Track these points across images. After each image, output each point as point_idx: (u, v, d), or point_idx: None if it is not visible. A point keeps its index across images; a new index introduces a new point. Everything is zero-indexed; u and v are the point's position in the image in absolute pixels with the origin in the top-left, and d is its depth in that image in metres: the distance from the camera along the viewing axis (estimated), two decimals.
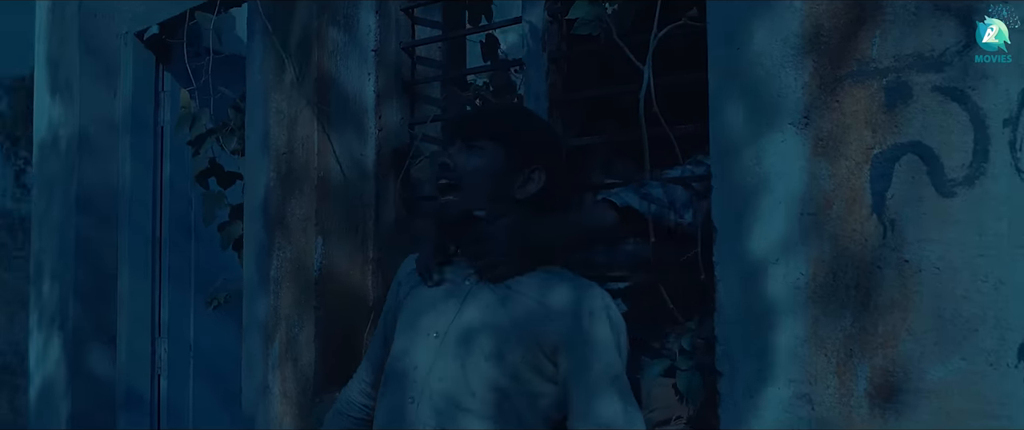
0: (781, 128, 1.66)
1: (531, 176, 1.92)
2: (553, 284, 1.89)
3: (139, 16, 3.73)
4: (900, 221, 1.52)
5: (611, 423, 1.79)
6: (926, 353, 1.49)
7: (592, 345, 1.83)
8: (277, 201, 2.74)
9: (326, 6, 2.64)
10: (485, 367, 1.84)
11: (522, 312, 1.87)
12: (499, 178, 1.93)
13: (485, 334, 1.88)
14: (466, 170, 1.93)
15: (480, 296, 1.93)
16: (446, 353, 1.89)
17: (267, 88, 2.77)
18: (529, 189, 1.93)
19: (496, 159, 1.93)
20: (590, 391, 1.82)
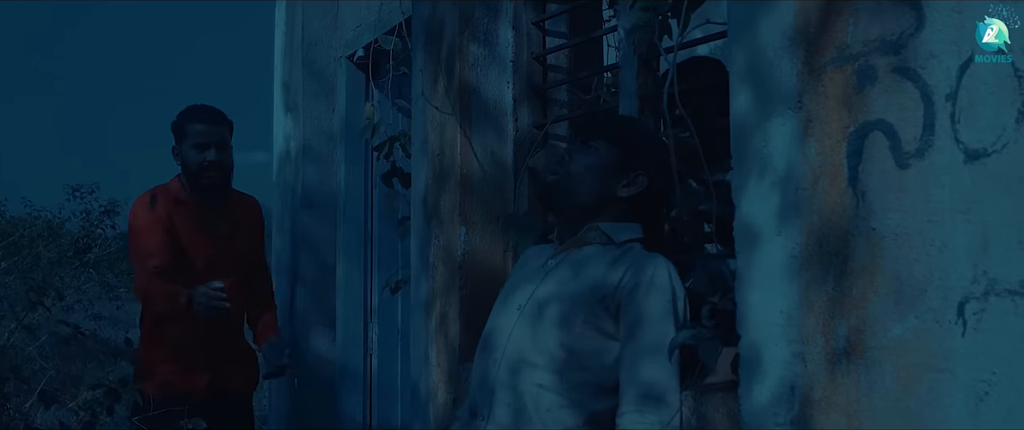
0: (781, 112, 1.83)
1: (635, 179, 2.19)
2: (621, 255, 2.14)
3: (350, 41, 4.25)
4: (869, 193, 1.66)
5: (649, 386, 2.01)
6: (888, 313, 1.62)
7: (647, 311, 2.06)
8: (433, 196, 3.11)
9: (467, 24, 2.98)
10: (552, 329, 2.12)
11: (590, 280, 2.13)
12: (607, 175, 2.21)
13: (556, 302, 2.16)
14: (581, 164, 2.23)
15: (558, 270, 2.21)
16: (523, 322, 2.18)
17: (425, 98, 3.15)
18: (631, 190, 2.19)
19: (607, 158, 2.21)
20: (637, 353, 2.05)
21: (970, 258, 1.50)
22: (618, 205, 2.20)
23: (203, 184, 3.67)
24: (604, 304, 2.10)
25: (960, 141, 1.52)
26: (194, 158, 3.65)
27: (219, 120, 3.71)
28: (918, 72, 1.58)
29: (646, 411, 2.03)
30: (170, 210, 3.63)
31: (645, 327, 2.07)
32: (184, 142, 3.67)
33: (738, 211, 1.92)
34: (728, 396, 1.96)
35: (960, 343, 1.51)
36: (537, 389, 2.11)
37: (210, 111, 3.73)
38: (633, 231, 2.20)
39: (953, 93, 1.53)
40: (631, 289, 2.09)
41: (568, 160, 2.23)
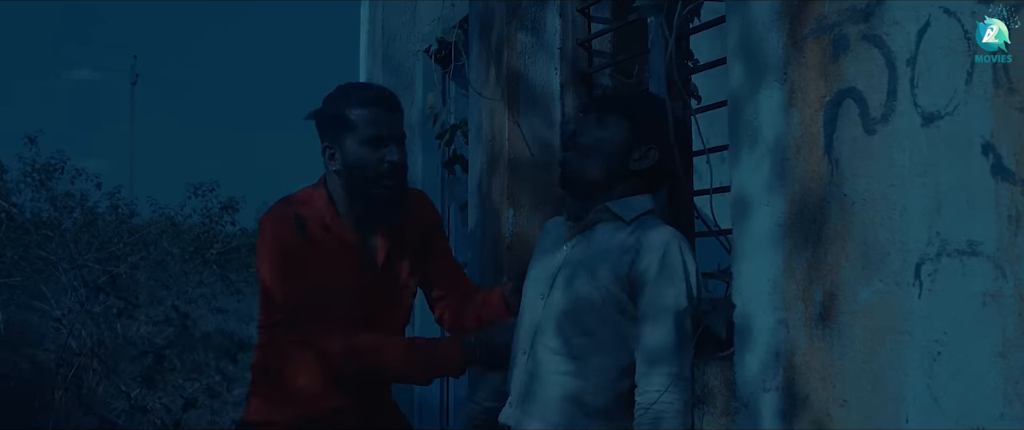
0: (769, 84, 1.86)
1: (647, 153, 2.23)
2: (634, 238, 2.18)
3: (426, 35, 4.39)
4: (842, 160, 1.69)
5: (655, 350, 2.06)
6: (857, 277, 1.65)
7: (662, 292, 2.09)
8: (486, 181, 3.21)
9: (515, 14, 3.08)
10: (572, 321, 2.17)
11: (605, 268, 2.17)
12: (620, 149, 2.26)
13: (573, 293, 2.19)
14: (594, 139, 2.29)
15: (574, 256, 2.26)
16: (546, 313, 2.23)
17: (480, 87, 3.25)
18: (644, 163, 2.24)
19: (617, 132, 2.26)
20: (647, 319, 2.09)
21: (926, 220, 1.52)
22: (630, 179, 2.24)
23: (377, 196, 2.50)
24: (621, 285, 2.14)
25: (918, 105, 1.54)
26: (368, 159, 2.47)
27: (397, 106, 2.61)
28: (883, 38, 1.61)
29: (653, 375, 2.06)
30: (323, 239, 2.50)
31: (660, 306, 2.09)
32: (347, 137, 2.49)
33: (733, 182, 1.97)
34: (726, 365, 2.00)
35: (917, 305, 1.53)
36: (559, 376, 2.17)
37: (385, 94, 2.62)
38: (643, 204, 2.24)
39: (913, 58, 1.55)
40: (645, 272, 2.11)
41: (580, 136, 2.29)
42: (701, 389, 2.05)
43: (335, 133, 2.50)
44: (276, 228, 2.49)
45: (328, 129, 2.53)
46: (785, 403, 1.80)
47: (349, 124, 2.48)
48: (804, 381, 1.76)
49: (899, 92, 1.58)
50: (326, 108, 2.55)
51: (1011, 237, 1.37)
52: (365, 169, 2.47)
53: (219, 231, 11.71)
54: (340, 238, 2.51)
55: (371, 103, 2.53)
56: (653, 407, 2.04)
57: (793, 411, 1.79)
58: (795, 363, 1.78)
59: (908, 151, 1.56)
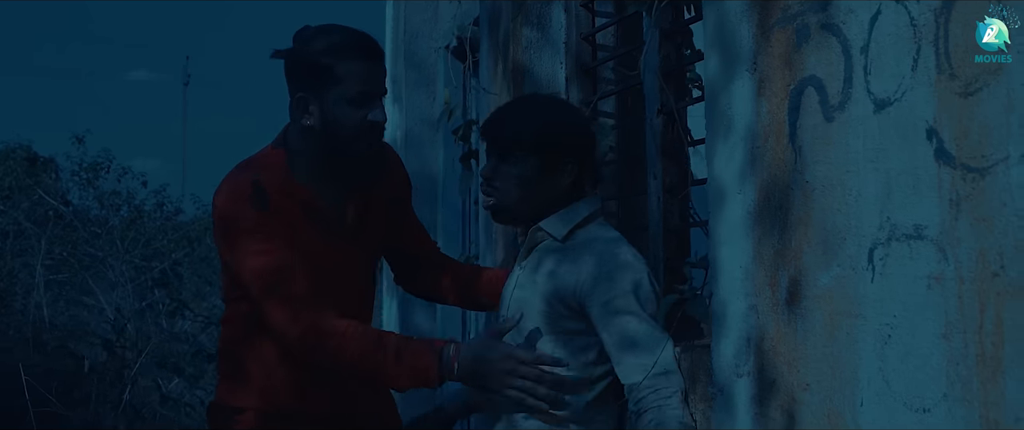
0: (741, 74, 1.90)
1: (565, 169, 2.17)
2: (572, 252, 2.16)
3: (446, 32, 4.45)
4: (804, 147, 1.72)
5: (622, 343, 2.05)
6: (818, 263, 1.68)
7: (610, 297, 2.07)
8: None
9: (520, 9, 3.12)
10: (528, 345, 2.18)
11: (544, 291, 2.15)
12: (536, 181, 2.17)
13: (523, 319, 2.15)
14: (507, 179, 2.19)
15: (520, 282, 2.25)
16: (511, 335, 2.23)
17: (488, 82, 3.31)
18: (566, 179, 2.18)
19: (530, 166, 2.17)
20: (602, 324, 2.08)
21: (878, 205, 1.55)
22: (562, 195, 2.19)
23: (355, 155, 2.26)
24: (568, 306, 2.12)
25: (871, 92, 1.57)
26: (352, 117, 2.20)
27: (382, 55, 2.32)
28: (840, 27, 1.64)
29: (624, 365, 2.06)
30: (285, 207, 2.23)
31: (612, 318, 2.07)
32: (330, 91, 2.19)
33: (709, 172, 2.00)
34: (704, 351, 2.03)
35: (870, 289, 1.56)
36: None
37: (373, 43, 2.29)
38: (575, 216, 2.19)
39: (866, 45, 1.58)
40: (589, 287, 2.09)
41: (493, 178, 2.20)
42: (684, 376, 2.09)
43: (314, 84, 2.20)
44: (230, 200, 2.21)
45: (305, 78, 2.21)
46: (756, 388, 1.84)
47: (335, 78, 2.18)
48: (772, 366, 1.79)
49: (854, 79, 1.60)
50: (306, 53, 2.22)
51: (952, 221, 1.40)
52: (345, 128, 2.20)
53: None
54: (304, 203, 2.25)
55: (361, 55, 2.22)
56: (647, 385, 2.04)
57: (763, 396, 1.82)
58: (764, 348, 1.81)
59: (862, 137, 1.58)
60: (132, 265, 10.37)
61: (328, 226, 2.28)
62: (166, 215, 11.52)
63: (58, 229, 10.62)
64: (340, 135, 2.21)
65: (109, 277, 10.43)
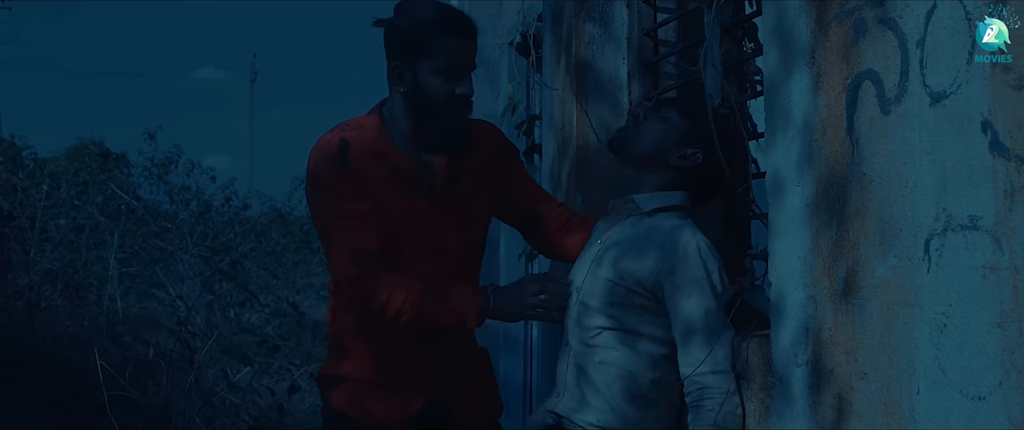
0: (799, 68, 1.93)
1: (690, 154, 2.31)
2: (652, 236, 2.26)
3: (510, 28, 4.50)
4: (861, 140, 1.75)
5: (691, 320, 2.14)
6: (875, 253, 1.70)
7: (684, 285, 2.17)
8: (557, 167, 3.32)
9: (583, 6, 3.17)
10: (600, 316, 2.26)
11: (625, 268, 2.25)
12: (665, 141, 2.34)
13: (599, 291, 2.28)
14: (648, 124, 2.39)
15: (602, 254, 2.34)
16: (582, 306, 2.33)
17: (551, 77, 3.36)
18: (684, 162, 2.32)
19: (669, 125, 2.36)
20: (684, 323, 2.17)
21: (934, 197, 1.57)
22: (667, 172, 2.32)
23: (442, 125, 2.44)
24: (643, 286, 2.23)
25: (927, 85, 1.59)
26: (441, 89, 2.38)
27: (474, 32, 2.48)
28: (896, 21, 1.66)
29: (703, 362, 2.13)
30: (369, 166, 2.40)
31: (684, 304, 2.17)
32: (423, 62, 2.37)
33: (768, 164, 2.03)
34: (763, 340, 2.07)
35: (926, 279, 1.59)
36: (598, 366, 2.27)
37: (466, 21, 2.47)
38: (667, 199, 2.31)
39: (922, 39, 1.60)
40: (666, 271, 2.19)
41: (640, 117, 2.39)
42: (741, 365, 2.13)
43: (409, 54, 2.38)
44: (317, 155, 2.42)
45: (402, 48, 2.40)
46: (814, 377, 1.87)
47: (427, 49, 2.36)
48: (830, 355, 1.82)
49: (911, 73, 1.63)
50: (403, 25, 2.41)
51: (1007, 211, 1.42)
52: (434, 98, 2.38)
53: None
54: (392, 164, 2.41)
55: (454, 32, 2.39)
56: (697, 380, 2.12)
57: (820, 384, 1.85)
58: (822, 338, 1.85)
59: (918, 130, 1.61)
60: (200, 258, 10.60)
61: (416, 188, 2.44)
62: (234, 210, 11.75)
63: (130, 223, 10.89)
64: (429, 104, 2.39)
65: (178, 270, 10.68)
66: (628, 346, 2.24)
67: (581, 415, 2.28)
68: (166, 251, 10.76)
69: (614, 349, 2.25)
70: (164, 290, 10.14)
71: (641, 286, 2.22)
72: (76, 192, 11.28)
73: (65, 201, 10.86)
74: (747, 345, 2.11)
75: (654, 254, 2.22)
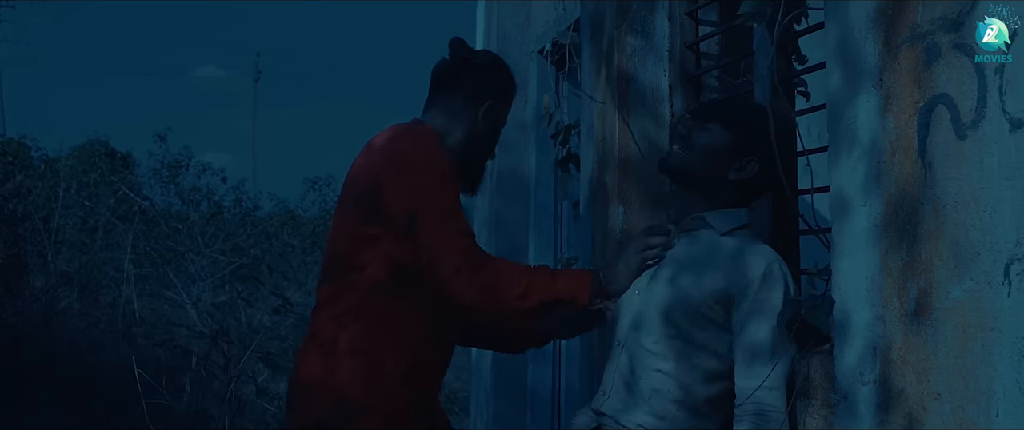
0: (866, 89, 1.94)
1: (747, 164, 2.32)
2: (728, 251, 2.28)
3: (539, 36, 4.53)
4: (934, 163, 1.76)
5: (754, 348, 2.17)
6: (949, 276, 1.72)
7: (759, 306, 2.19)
8: (597, 178, 3.34)
9: (624, 17, 3.19)
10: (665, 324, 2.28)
11: (699, 279, 2.27)
12: (719, 156, 2.34)
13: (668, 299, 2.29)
14: (699, 142, 2.39)
15: (671, 264, 2.36)
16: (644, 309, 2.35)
17: (591, 88, 3.38)
18: (743, 174, 2.33)
19: (721, 140, 2.35)
20: (750, 344, 2.19)
21: (1014, 222, 1.59)
22: (729, 188, 2.33)
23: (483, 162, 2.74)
24: (716, 300, 2.24)
25: (1006, 111, 1.61)
26: (498, 132, 2.73)
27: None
28: (973, 46, 1.68)
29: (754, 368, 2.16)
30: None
31: (755, 321, 2.19)
32: (499, 104, 2.69)
33: (832, 183, 2.05)
34: (825, 358, 2.08)
35: (1006, 302, 1.61)
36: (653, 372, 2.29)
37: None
38: (737, 218, 2.32)
39: (1001, 66, 1.62)
40: (742, 289, 2.21)
41: (688, 136, 2.39)
42: (802, 382, 2.15)
43: (492, 92, 2.66)
44: (418, 143, 2.47)
45: (490, 83, 2.68)
46: (882, 396, 1.89)
47: (504, 95, 2.71)
48: (899, 375, 1.84)
49: (988, 99, 1.64)
50: (490, 65, 2.72)
51: None
52: (493, 138, 2.68)
53: None
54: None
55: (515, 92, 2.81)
56: (755, 398, 2.14)
57: (889, 404, 1.87)
58: (891, 357, 1.86)
59: (997, 155, 1.62)
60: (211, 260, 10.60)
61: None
62: (244, 211, 11.77)
63: (141, 225, 10.91)
64: (489, 140, 2.67)
65: (189, 271, 10.69)
66: (686, 359, 2.26)
67: (629, 416, 2.30)
68: (178, 252, 10.76)
69: (672, 361, 2.26)
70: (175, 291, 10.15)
71: (711, 300, 2.23)
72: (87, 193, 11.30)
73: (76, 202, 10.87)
74: (808, 362, 2.13)
75: (727, 271, 2.24)
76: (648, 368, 2.29)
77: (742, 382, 2.20)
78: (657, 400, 2.26)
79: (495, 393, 4.63)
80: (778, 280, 2.21)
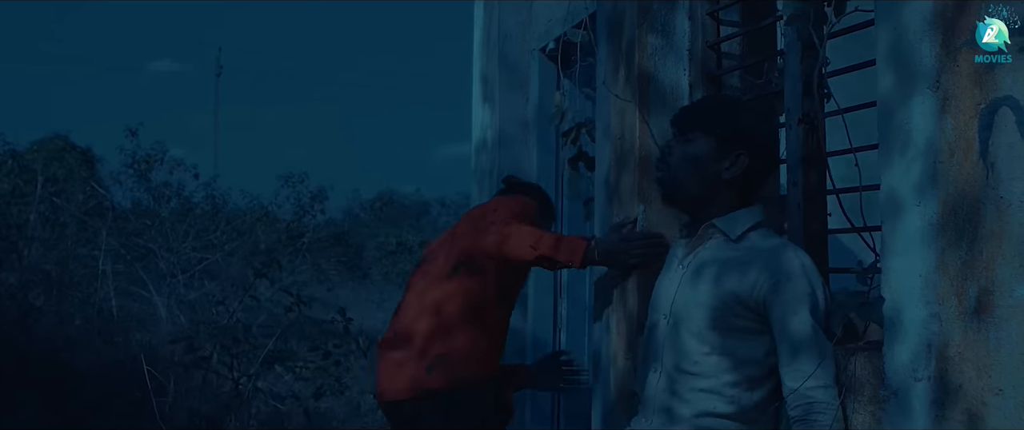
0: (921, 91, 1.98)
1: (736, 160, 2.35)
2: (748, 253, 2.30)
3: (541, 35, 4.54)
4: (998, 164, 1.80)
5: (796, 345, 2.19)
6: (1014, 274, 1.76)
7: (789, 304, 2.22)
8: (614, 177, 3.36)
9: (645, 17, 3.21)
10: (695, 340, 2.30)
11: (723, 288, 2.29)
12: (707, 163, 2.37)
13: (693, 313, 2.32)
14: (682, 155, 2.41)
15: (690, 276, 2.38)
16: (670, 332, 2.37)
17: (607, 86, 3.40)
18: (734, 171, 2.35)
19: (703, 146, 2.38)
20: (791, 342, 2.21)
21: None
22: (727, 189, 2.35)
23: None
24: (745, 306, 2.26)
25: None
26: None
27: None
28: None
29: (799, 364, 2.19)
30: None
31: (791, 320, 2.22)
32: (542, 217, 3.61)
33: (883, 183, 2.09)
34: (873, 355, 2.12)
35: None
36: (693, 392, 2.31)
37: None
38: (750, 218, 2.35)
39: None
40: (770, 288, 2.23)
41: (669, 154, 2.40)
42: (849, 379, 2.18)
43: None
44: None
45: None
46: (937, 392, 1.92)
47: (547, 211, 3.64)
48: (957, 371, 1.88)
49: None
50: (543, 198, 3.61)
51: None
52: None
53: (309, 221, 12.05)
54: None
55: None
56: (806, 394, 2.16)
57: (945, 399, 1.91)
58: (948, 354, 1.90)
59: None
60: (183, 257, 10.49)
61: None
62: (217, 207, 11.68)
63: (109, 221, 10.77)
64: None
65: (160, 268, 10.57)
66: (730, 372, 2.27)
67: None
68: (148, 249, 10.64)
69: (714, 377, 2.28)
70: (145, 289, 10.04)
71: (743, 306, 2.26)
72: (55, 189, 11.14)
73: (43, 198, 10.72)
74: (855, 359, 2.17)
75: (756, 273, 2.26)
76: (692, 388, 2.30)
77: (789, 381, 2.22)
78: (706, 419, 2.28)
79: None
80: (803, 277, 2.23)
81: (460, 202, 25.18)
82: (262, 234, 11.24)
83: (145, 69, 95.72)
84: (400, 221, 20.92)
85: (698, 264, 2.36)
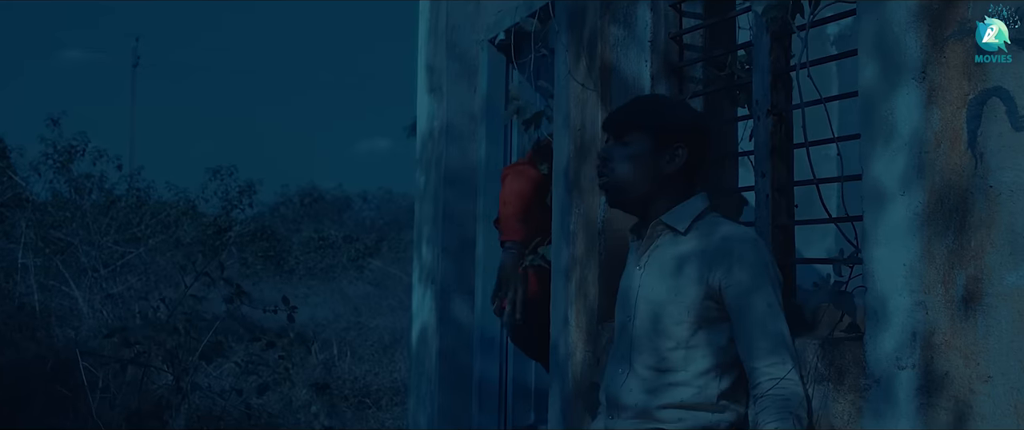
0: (906, 83, 2.00)
1: (675, 153, 2.38)
2: (700, 244, 2.33)
3: (491, 25, 4.50)
4: (986, 154, 1.82)
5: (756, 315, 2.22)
6: (1004, 263, 1.79)
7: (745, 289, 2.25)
8: (574, 169, 3.34)
9: (607, 7, 3.20)
10: (662, 339, 2.32)
11: (680, 285, 2.32)
12: (648, 160, 2.40)
13: (656, 313, 2.35)
14: (621, 159, 2.43)
15: (648, 276, 2.40)
16: (638, 333, 2.38)
17: (567, 77, 3.38)
18: (676, 164, 2.38)
19: (644, 145, 2.41)
20: (751, 324, 2.24)
21: None
22: (669, 183, 2.38)
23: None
24: (704, 295, 2.29)
25: None
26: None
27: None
28: None
29: (779, 362, 2.21)
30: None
31: (748, 302, 2.25)
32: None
33: (866, 174, 2.10)
34: (854, 344, 2.14)
35: None
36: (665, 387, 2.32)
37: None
38: (694, 208, 2.38)
39: None
40: (724, 272, 2.26)
41: (610, 159, 2.42)
42: (827, 368, 2.19)
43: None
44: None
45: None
46: (923, 379, 1.94)
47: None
48: (944, 359, 1.90)
49: None
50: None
51: None
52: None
53: (237, 215, 11.84)
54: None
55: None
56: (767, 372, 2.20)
57: (931, 387, 1.93)
58: (934, 342, 1.92)
59: None
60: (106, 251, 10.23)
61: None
62: (141, 199, 11.39)
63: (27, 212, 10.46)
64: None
65: (82, 262, 10.29)
66: (697, 362, 2.29)
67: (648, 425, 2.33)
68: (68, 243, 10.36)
69: (683, 370, 2.30)
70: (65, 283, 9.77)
71: (702, 296, 2.28)
72: None
73: None
74: (835, 348, 2.18)
75: (709, 261, 2.28)
76: (662, 384, 2.32)
77: (753, 363, 2.23)
78: (675, 411, 2.29)
79: (441, 385, 4.60)
80: (753, 255, 2.26)
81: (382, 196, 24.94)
82: (187, 228, 10.99)
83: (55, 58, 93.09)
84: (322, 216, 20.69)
85: (653, 263, 2.38)
